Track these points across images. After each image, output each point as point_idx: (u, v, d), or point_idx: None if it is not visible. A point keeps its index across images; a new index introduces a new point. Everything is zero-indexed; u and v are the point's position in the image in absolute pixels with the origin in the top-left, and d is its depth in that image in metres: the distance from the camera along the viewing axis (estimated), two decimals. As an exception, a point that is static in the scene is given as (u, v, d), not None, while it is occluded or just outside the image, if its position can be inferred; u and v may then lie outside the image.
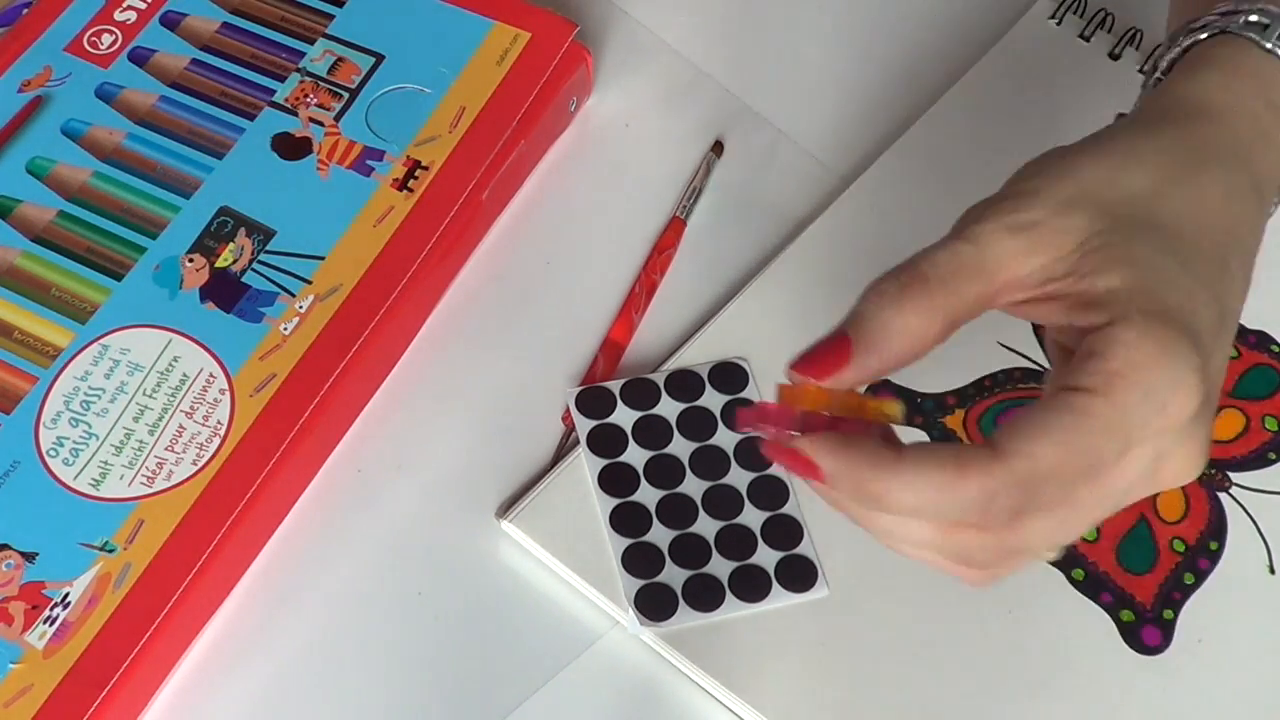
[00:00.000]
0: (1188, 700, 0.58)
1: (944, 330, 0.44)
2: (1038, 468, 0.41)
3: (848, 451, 0.42)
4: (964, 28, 0.75)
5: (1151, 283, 0.43)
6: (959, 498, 0.41)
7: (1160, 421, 0.42)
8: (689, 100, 0.73)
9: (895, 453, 0.42)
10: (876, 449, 0.42)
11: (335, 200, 0.65)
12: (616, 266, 0.67)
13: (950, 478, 0.41)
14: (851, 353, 0.44)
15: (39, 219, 0.64)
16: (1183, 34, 0.53)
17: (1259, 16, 0.51)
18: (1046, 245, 0.44)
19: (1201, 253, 0.45)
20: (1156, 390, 0.41)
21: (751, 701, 0.57)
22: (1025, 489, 0.41)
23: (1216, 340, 0.44)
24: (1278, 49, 0.51)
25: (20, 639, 0.55)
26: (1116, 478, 0.42)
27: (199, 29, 0.70)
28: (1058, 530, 0.43)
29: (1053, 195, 0.45)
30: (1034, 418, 0.41)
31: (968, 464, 0.41)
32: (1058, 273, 0.44)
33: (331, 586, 0.60)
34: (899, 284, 0.44)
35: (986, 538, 0.43)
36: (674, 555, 0.59)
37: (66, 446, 0.59)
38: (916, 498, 0.42)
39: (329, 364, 0.60)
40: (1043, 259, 0.44)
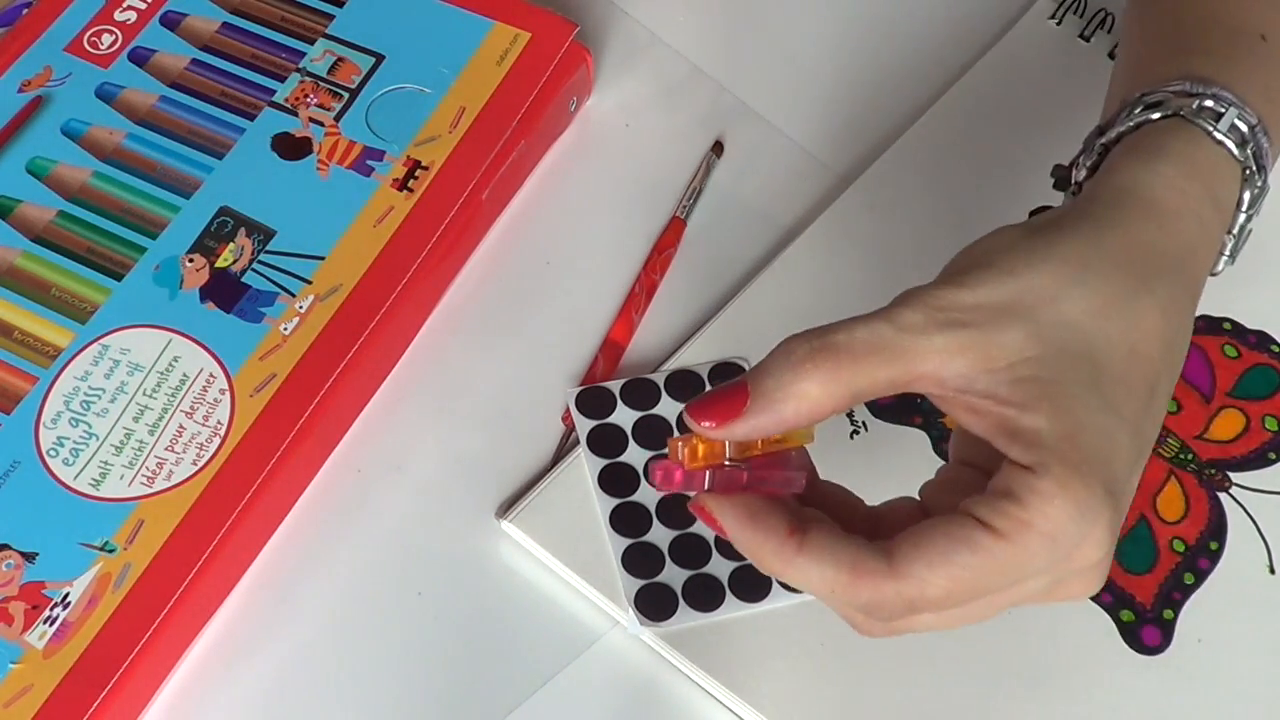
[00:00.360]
0: (1188, 700, 0.58)
1: (846, 403, 0.44)
2: (926, 593, 0.42)
3: (753, 529, 0.44)
4: (964, 28, 0.75)
5: (1075, 429, 0.43)
6: (848, 597, 0.43)
7: (1062, 565, 0.43)
8: (689, 100, 0.73)
9: (796, 543, 0.43)
10: (780, 533, 0.43)
11: (335, 200, 0.65)
12: (616, 266, 0.67)
13: (844, 580, 0.43)
14: (746, 406, 0.44)
15: (39, 219, 0.64)
16: (1136, 106, 0.53)
17: (1213, 103, 0.51)
18: (974, 354, 0.44)
19: (1130, 387, 0.45)
20: (1063, 544, 0.42)
21: (751, 701, 0.57)
22: (911, 607, 0.43)
23: (1131, 475, 0.45)
24: (1228, 140, 0.51)
25: (20, 639, 0.55)
26: (1004, 599, 0.44)
27: (199, 29, 0.70)
28: (941, 626, 0.45)
29: (990, 298, 0.44)
30: (936, 543, 0.42)
31: (862, 573, 0.43)
32: (980, 386, 0.44)
33: (331, 586, 0.60)
34: (810, 348, 0.44)
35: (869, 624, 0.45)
36: (674, 555, 0.59)
37: (66, 446, 0.59)
38: (809, 586, 0.44)
39: (329, 364, 0.60)
40: (967, 366, 0.44)
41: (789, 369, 0.43)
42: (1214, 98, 0.52)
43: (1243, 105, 0.52)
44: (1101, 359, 0.45)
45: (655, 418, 0.63)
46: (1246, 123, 0.52)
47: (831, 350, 0.43)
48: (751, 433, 0.44)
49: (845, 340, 0.43)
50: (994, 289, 0.45)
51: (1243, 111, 0.52)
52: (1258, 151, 0.52)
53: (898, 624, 0.44)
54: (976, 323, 0.44)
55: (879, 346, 0.43)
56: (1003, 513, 0.42)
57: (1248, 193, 0.52)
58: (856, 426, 0.63)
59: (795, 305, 0.66)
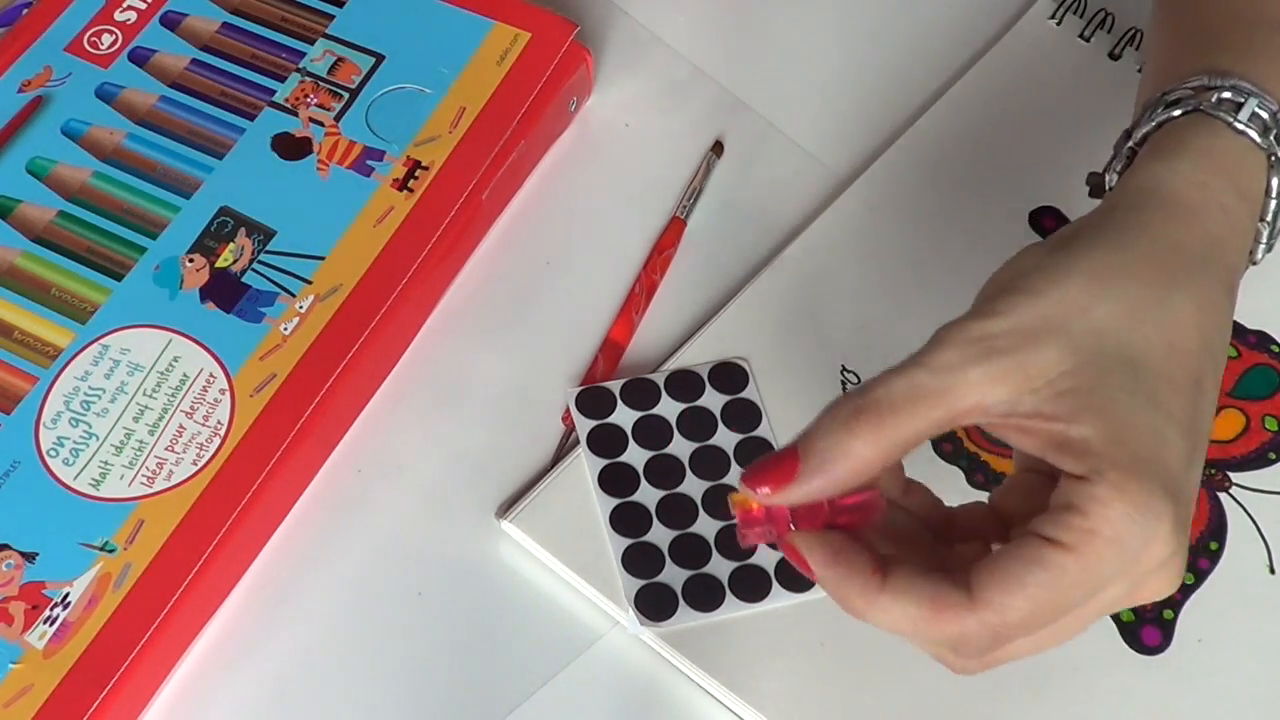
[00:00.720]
0: (1188, 700, 0.58)
1: (897, 455, 0.45)
2: (1008, 619, 0.43)
3: (836, 567, 0.44)
4: (964, 28, 0.75)
5: (1124, 433, 0.43)
6: (932, 634, 0.44)
7: (1134, 569, 0.44)
8: (689, 100, 0.73)
9: (879, 580, 0.44)
10: (864, 571, 0.44)
11: (335, 200, 0.65)
12: (616, 266, 0.67)
13: (926, 616, 0.43)
14: (798, 471, 0.44)
15: (39, 219, 0.64)
16: (1158, 106, 0.53)
17: (1231, 94, 0.52)
18: (1013, 379, 0.44)
19: (1174, 383, 0.45)
20: (1130, 546, 0.43)
21: (751, 701, 0.57)
22: (995, 635, 0.43)
23: (1189, 470, 0.45)
24: (1249, 130, 0.51)
25: (20, 639, 0.55)
26: (1089, 610, 0.44)
27: (199, 29, 0.70)
28: (1034, 650, 0.45)
29: (1021, 321, 0.45)
30: (1010, 568, 0.43)
31: (943, 607, 0.43)
32: (1025, 407, 0.44)
33: (331, 586, 0.60)
34: (854, 408, 0.44)
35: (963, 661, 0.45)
36: (674, 555, 0.59)
37: (67, 446, 0.59)
38: (893, 625, 0.44)
39: (329, 364, 0.60)
40: (1009, 390, 0.44)
41: (836, 430, 0.44)
42: (1233, 89, 0.52)
43: (1263, 93, 0.52)
44: (1140, 360, 0.45)
45: (655, 418, 0.63)
46: (1268, 110, 0.52)
47: (874, 407, 0.44)
48: (807, 497, 0.44)
49: (885, 395, 0.44)
50: (1024, 311, 0.45)
51: (1263, 99, 0.52)
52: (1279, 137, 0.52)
53: (990, 656, 0.45)
54: (1011, 348, 0.44)
55: (919, 394, 0.44)
56: (1066, 526, 0.43)
57: (1276, 179, 0.52)
58: (856, 426, 0.63)
59: (795, 305, 0.66)
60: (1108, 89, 0.72)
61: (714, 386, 0.63)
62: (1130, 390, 0.44)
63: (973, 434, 0.63)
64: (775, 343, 0.65)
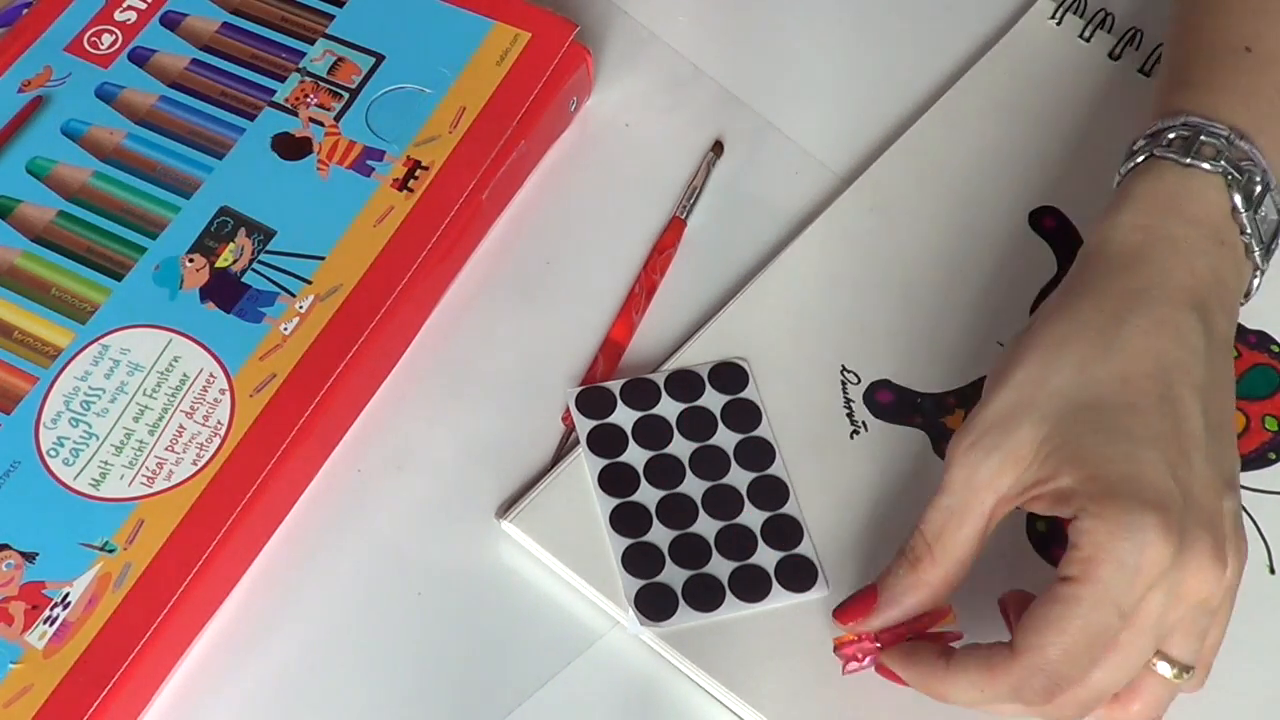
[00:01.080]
0: (1188, 700, 0.57)
1: (959, 573, 0.53)
2: (1049, 655, 0.49)
3: (913, 664, 0.53)
4: (964, 28, 0.75)
5: (1096, 469, 0.50)
6: (996, 691, 0.50)
7: (1141, 578, 0.49)
8: (689, 100, 0.73)
9: (945, 661, 0.52)
10: (931, 660, 0.52)
11: (335, 200, 0.65)
12: (616, 266, 0.67)
13: (985, 676, 0.50)
14: (876, 605, 0.54)
15: (39, 219, 0.64)
16: (1126, 157, 0.59)
17: (1178, 132, 0.57)
18: (1009, 465, 0.52)
19: (1135, 408, 0.51)
20: (1123, 560, 0.48)
21: (751, 701, 0.56)
22: (1045, 675, 0.49)
23: (1181, 470, 0.50)
24: (1198, 162, 0.56)
25: (20, 639, 0.55)
26: (1139, 628, 0.49)
27: (199, 29, 0.70)
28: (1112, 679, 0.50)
29: (1000, 409, 0.53)
30: (1036, 612, 0.50)
31: (995, 665, 0.50)
32: (1029, 479, 0.52)
33: (331, 586, 0.60)
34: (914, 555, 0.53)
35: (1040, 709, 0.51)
36: (674, 555, 0.59)
37: (66, 446, 0.59)
38: (965, 695, 0.51)
39: (329, 364, 0.60)
40: (1012, 477, 0.52)
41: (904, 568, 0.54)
42: (1182, 126, 0.57)
43: (1211, 122, 0.57)
44: (1098, 402, 0.52)
45: (655, 418, 0.63)
46: (1217, 135, 0.56)
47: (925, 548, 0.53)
48: (885, 624, 0.54)
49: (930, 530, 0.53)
50: (1000, 399, 0.53)
51: (1212, 128, 0.57)
52: (1235, 157, 0.56)
53: (1061, 699, 0.50)
54: (997, 442, 0.52)
55: (952, 519, 0.52)
56: (1069, 561, 0.49)
57: (1238, 195, 0.56)
58: (856, 426, 0.63)
59: (795, 305, 0.66)
60: (1108, 89, 0.72)
61: (714, 386, 0.63)
62: (1095, 429, 0.51)
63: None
64: (775, 343, 0.65)
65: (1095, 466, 0.50)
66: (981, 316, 0.66)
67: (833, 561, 0.59)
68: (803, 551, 0.60)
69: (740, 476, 0.61)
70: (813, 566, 0.59)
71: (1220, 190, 0.56)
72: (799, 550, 0.60)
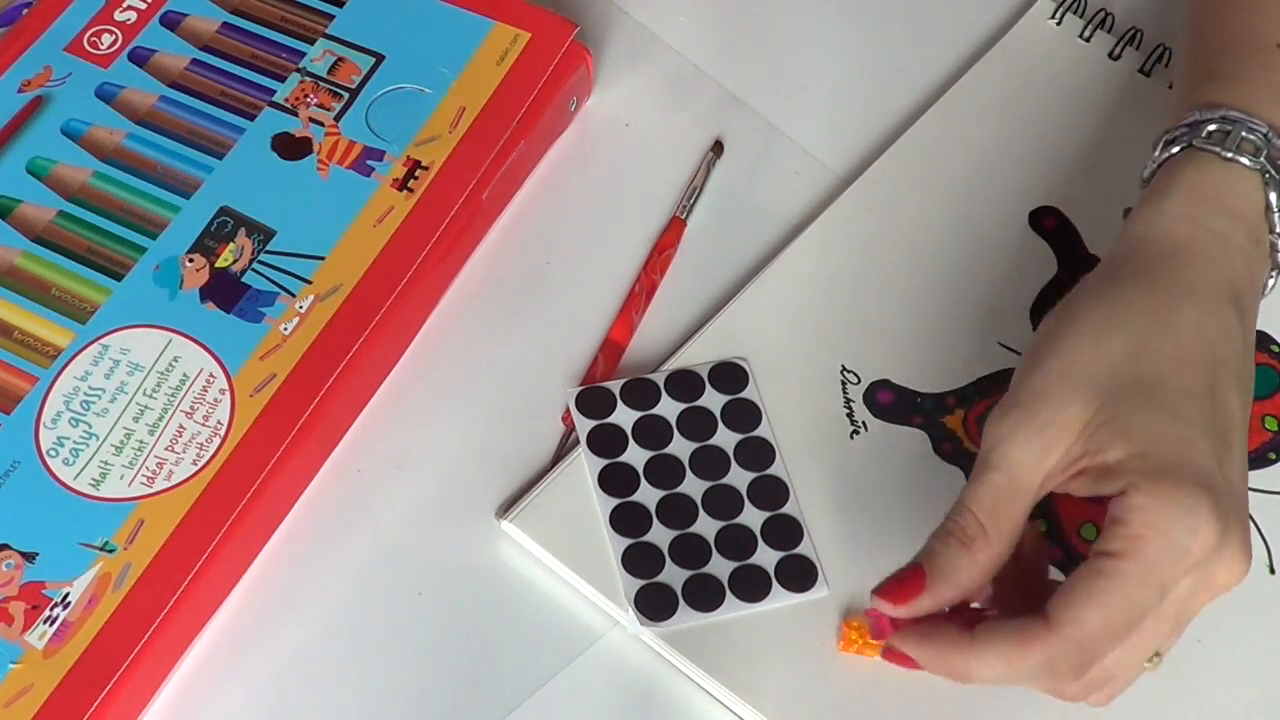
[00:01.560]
0: (1188, 700, 0.58)
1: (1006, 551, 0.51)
2: (1086, 630, 0.48)
3: (931, 642, 0.51)
4: (964, 28, 0.75)
5: (1149, 447, 0.49)
6: (1026, 666, 0.49)
7: (1187, 560, 0.48)
8: (689, 100, 0.73)
9: (968, 637, 0.50)
10: (951, 636, 0.50)
11: (335, 200, 0.65)
12: (616, 266, 0.67)
13: (1015, 649, 0.49)
14: (926, 583, 0.51)
15: (39, 219, 0.64)
16: (1159, 145, 0.58)
17: (1218, 125, 0.56)
18: (1059, 440, 0.51)
19: (1187, 392, 0.51)
20: (1176, 539, 0.48)
21: (751, 701, 0.56)
22: (1081, 649, 0.48)
23: (1221, 464, 0.50)
24: (1240, 157, 0.56)
25: (20, 639, 0.55)
26: (1168, 611, 0.49)
27: (199, 29, 0.70)
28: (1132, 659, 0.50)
29: (1047, 387, 0.51)
30: (1077, 585, 0.49)
31: (1027, 638, 0.49)
32: (1076, 453, 0.50)
33: (331, 586, 0.60)
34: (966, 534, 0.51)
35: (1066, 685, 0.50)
36: (674, 555, 0.59)
37: (66, 446, 0.59)
38: (991, 671, 0.50)
39: (329, 364, 0.60)
40: (1061, 452, 0.51)
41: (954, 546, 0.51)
42: (1221, 119, 0.56)
43: (1251, 118, 0.56)
44: (1152, 381, 0.51)
45: (655, 418, 0.63)
46: (1257, 133, 0.56)
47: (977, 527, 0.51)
48: (937, 606, 0.51)
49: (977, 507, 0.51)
50: (1045, 373, 0.52)
51: (1251, 124, 0.56)
52: (1273, 154, 0.56)
53: (1090, 676, 0.49)
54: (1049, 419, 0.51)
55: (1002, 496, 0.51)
56: (1115, 536, 0.49)
57: (1274, 193, 0.56)
58: (856, 426, 0.63)
59: (795, 305, 0.66)
60: (1108, 89, 0.72)
61: (714, 386, 0.63)
62: (1149, 410, 0.50)
63: (972, 433, 0.63)
64: (775, 343, 0.65)
65: (1149, 444, 0.50)
66: (982, 316, 0.66)
67: (833, 561, 0.59)
68: (803, 551, 0.60)
69: (740, 476, 0.61)
70: (813, 566, 0.59)
71: (1257, 187, 0.56)
72: (799, 550, 0.60)
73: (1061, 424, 0.51)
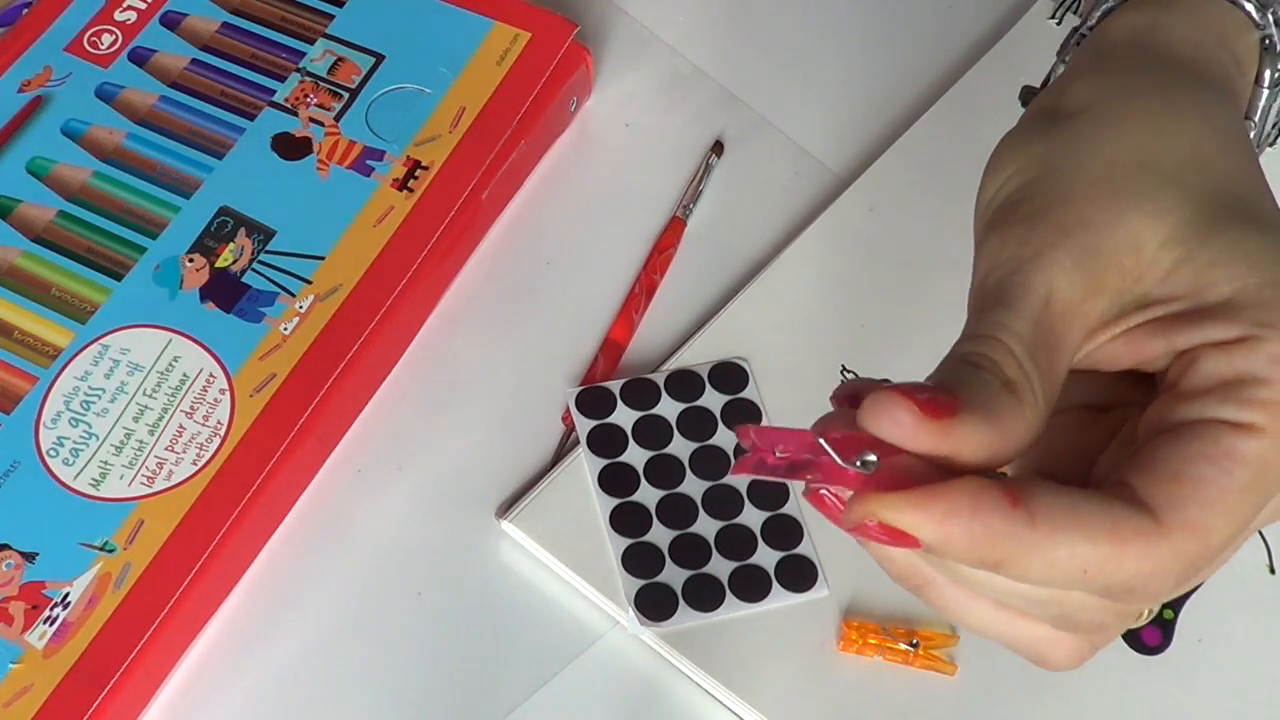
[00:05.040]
0: (1188, 700, 0.58)
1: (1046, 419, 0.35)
2: (1211, 541, 0.33)
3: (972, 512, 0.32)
4: (964, 28, 0.75)
5: (1273, 270, 0.35)
6: (1110, 576, 0.33)
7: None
8: (689, 101, 0.73)
9: (1025, 515, 0.32)
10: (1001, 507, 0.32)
11: (335, 200, 0.65)
12: (616, 266, 0.67)
13: (1105, 552, 0.32)
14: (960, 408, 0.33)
15: (39, 219, 0.64)
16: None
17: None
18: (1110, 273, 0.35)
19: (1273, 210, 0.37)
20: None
21: (751, 701, 0.57)
22: (1194, 567, 0.33)
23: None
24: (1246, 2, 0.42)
25: (20, 639, 0.55)
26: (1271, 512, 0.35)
27: (199, 29, 0.70)
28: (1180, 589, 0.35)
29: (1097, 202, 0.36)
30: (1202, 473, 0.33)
31: (1126, 537, 0.33)
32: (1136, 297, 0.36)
33: (331, 586, 0.60)
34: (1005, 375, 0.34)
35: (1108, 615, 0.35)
36: (674, 555, 0.59)
37: (66, 446, 0.59)
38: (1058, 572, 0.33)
39: (329, 364, 0.60)
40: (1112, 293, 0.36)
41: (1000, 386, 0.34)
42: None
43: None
44: (1244, 187, 0.37)
45: (655, 418, 0.63)
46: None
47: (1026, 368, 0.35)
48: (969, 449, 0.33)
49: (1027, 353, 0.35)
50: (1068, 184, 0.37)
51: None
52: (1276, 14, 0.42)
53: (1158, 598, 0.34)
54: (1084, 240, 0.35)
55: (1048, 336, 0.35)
56: (1253, 402, 0.33)
57: (1269, 71, 0.43)
58: (856, 426, 0.63)
59: (795, 305, 0.66)
60: (1108, 89, 0.72)
61: (714, 386, 0.63)
62: (1244, 223, 0.36)
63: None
64: (775, 343, 0.65)
65: (1273, 270, 0.35)
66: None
67: (833, 561, 0.60)
68: (803, 551, 0.60)
69: (740, 476, 0.61)
70: (813, 566, 0.59)
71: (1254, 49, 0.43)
72: (799, 550, 0.60)
73: (1112, 249, 0.35)
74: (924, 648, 0.57)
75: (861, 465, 0.33)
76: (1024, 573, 0.33)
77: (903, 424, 0.32)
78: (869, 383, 0.35)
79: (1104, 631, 0.36)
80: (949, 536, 0.32)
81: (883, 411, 0.33)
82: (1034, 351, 0.34)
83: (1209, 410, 0.34)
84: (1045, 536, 0.32)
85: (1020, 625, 0.36)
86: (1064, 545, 0.32)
